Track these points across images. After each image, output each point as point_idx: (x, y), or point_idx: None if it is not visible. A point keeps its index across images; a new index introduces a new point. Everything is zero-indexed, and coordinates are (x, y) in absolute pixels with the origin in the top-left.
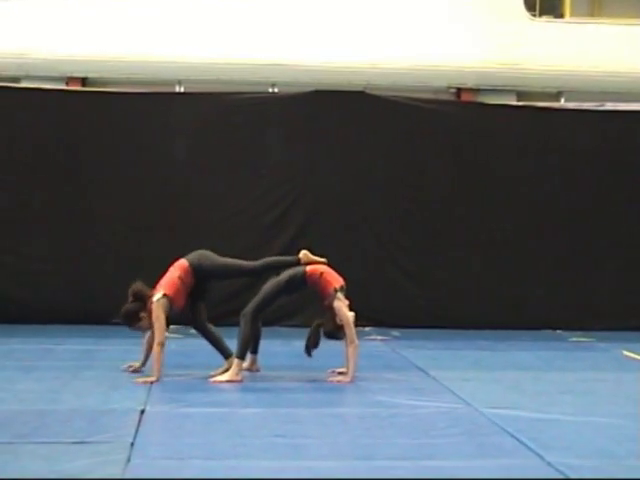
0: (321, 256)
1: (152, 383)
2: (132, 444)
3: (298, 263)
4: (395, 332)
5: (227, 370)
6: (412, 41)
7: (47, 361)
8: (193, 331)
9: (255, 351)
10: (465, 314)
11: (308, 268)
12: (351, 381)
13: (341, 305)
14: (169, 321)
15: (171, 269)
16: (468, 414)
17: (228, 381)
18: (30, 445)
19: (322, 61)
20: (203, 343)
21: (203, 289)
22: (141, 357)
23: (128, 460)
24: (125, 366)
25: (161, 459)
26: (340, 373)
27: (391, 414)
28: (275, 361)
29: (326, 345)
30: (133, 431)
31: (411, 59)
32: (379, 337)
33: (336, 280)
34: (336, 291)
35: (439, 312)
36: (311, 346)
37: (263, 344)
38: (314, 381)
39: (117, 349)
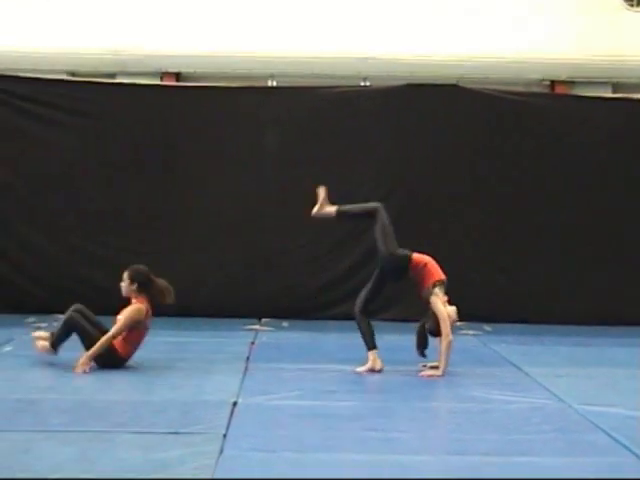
0: (417, 251)
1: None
2: (224, 435)
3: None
4: (487, 327)
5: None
6: (505, 34)
7: (141, 352)
8: (285, 324)
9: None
10: (558, 309)
11: (414, 256)
12: (442, 375)
13: (436, 300)
14: None
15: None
16: (561, 410)
17: (368, 370)
18: (126, 434)
19: (414, 54)
20: (293, 336)
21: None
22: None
23: (221, 451)
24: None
25: (253, 451)
26: (432, 367)
27: (483, 409)
28: (365, 355)
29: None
30: (225, 423)
31: (504, 52)
32: (471, 332)
33: (437, 274)
34: (434, 286)
35: (532, 307)
36: (421, 346)
37: (353, 338)
38: (406, 375)
39: (209, 341)
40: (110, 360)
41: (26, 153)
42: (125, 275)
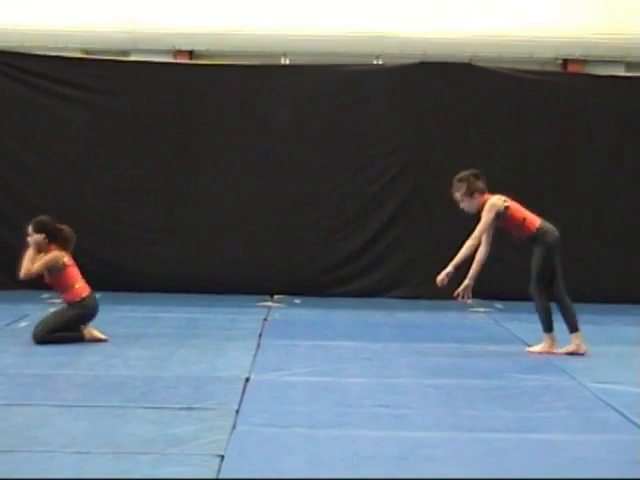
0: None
1: None
2: (237, 411)
3: None
4: (498, 304)
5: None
6: (518, 12)
7: (155, 328)
8: (297, 301)
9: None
10: (570, 287)
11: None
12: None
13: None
14: None
15: None
16: (573, 388)
17: (542, 352)
18: (139, 410)
19: (427, 32)
20: (305, 313)
21: None
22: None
23: (233, 427)
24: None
25: (265, 426)
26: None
27: (494, 386)
28: (379, 332)
29: (431, 317)
30: (238, 398)
31: (517, 30)
32: (482, 309)
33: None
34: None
35: None
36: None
37: (364, 315)
38: (417, 352)
39: (222, 317)
40: (76, 311)
41: (40, 129)
42: (29, 229)
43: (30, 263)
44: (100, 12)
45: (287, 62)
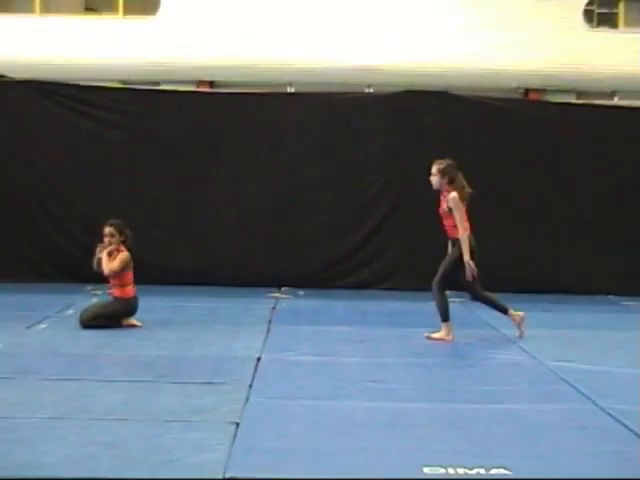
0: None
1: None
2: (250, 386)
3: None
4: None
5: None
6: (487, 48)
7: (180, 316)
8: (301, 292)
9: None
10: (531, 280)
11: None
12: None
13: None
14: None
15: None
16: (533, 366)
17: (438, 338)
18: (168, 384)
19: (409, 65)
20: (308, 303)
21: None
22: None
23: (247, 399)
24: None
25: (274, 398)
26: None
27: (467, 364)
28: (370, 319)
29: (415, 306)
30: (251, 375)
31: (486, 63)
32: (457, 299)
33: None
34: None
35: (509, 278)
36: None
37: (358, 304)
38: (403, 336)
39: (237, 307)
40: (121, 307)
41: (88, 149)
42: (114, 230)
43: (110, 262)
44: (135, 49)
45: (292, 90)
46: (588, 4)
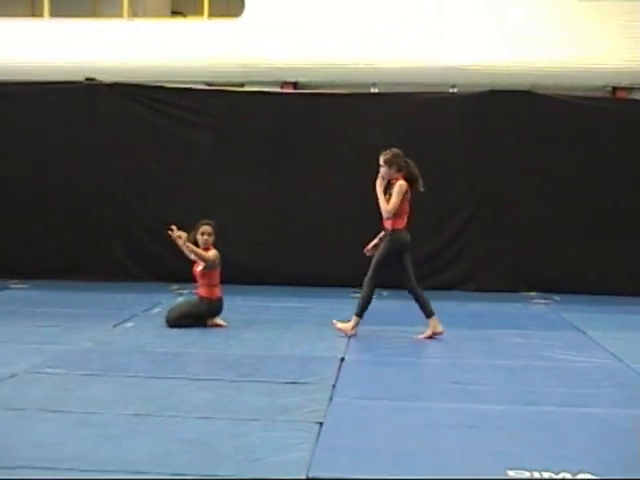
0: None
1: None
2: (334, 386)
3: None
4: (556, 297)
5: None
6: (573, 46)
7: (265, 315)
8: (385, 293)
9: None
10: (618, 282)
11: None
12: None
13: None
14: None
15: None
16: (619, 369)
17: (340, 329)
18: (252, 383)
19: (495, 65)
20: (392, 304)
21: None
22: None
23: (330, 399)
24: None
25: (357, 399)
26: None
27: (552, 367)
28: (453, 319)
29: (496, 307)
30: (335, 375)
31: (572, 62)
32: (542, 301)
33: None
34: None
35: (596, 279)
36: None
37: (442, 305)
38: (486, 337)
39: (322, 307)
40: (207, 307)
41: (174, 150)
42: (211, 229)
43: (205, 254)
44: (220, 51)
45: (376, 91)
46: None
